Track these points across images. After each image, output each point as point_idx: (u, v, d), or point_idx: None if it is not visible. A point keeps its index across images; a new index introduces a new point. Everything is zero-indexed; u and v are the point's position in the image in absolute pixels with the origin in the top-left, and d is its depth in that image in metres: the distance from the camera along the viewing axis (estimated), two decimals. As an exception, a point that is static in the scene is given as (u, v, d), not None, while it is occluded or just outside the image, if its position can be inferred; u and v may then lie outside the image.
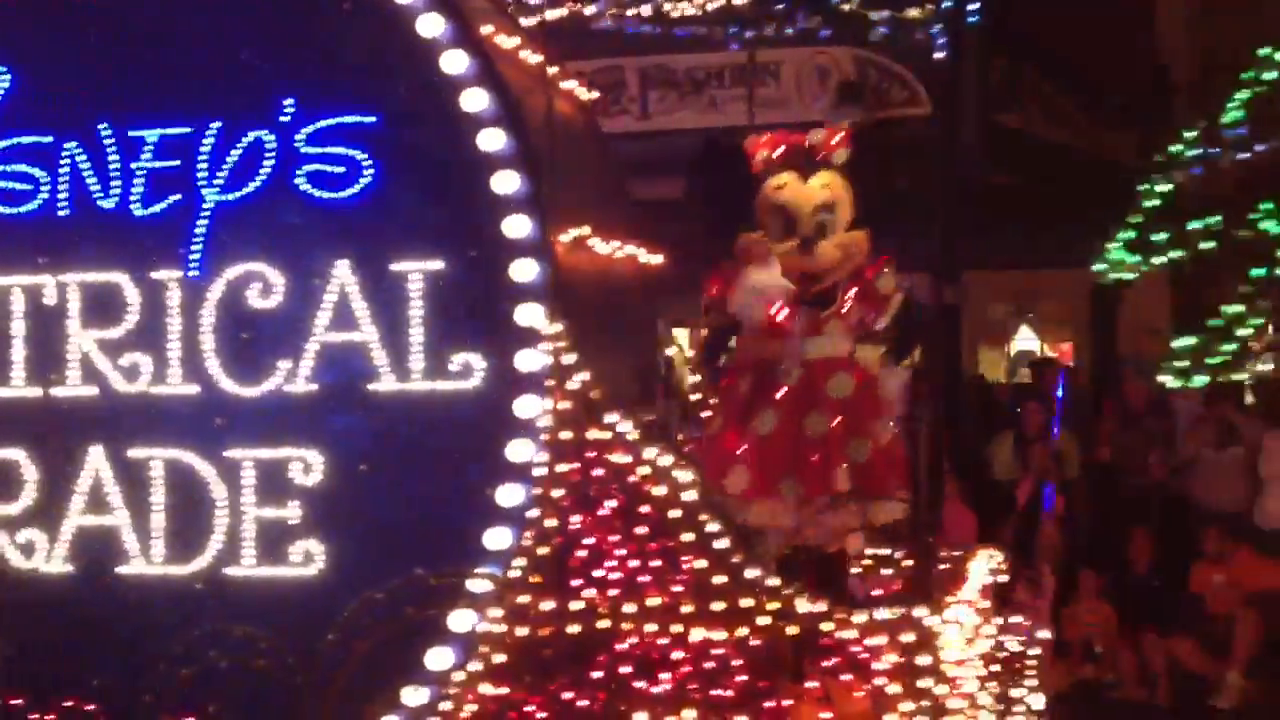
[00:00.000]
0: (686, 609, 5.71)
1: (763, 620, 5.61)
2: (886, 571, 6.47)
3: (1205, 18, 20.66)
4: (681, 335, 9.25)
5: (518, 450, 6.05)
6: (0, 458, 6.71)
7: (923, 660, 5.44)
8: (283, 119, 6.41)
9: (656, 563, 5.78)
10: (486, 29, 6.34)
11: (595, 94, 7.45)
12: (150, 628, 6.49)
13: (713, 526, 5.73)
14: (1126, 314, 19.32)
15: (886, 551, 6.62)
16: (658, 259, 7.04)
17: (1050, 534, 10.78)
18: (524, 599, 5.89)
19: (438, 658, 6.08)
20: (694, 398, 7.39)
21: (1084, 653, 11.05)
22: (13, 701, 6.54)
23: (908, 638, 5.47)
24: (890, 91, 15.07)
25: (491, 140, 6.12)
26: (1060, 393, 11.64)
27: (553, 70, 6.94)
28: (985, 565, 6.42)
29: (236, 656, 6.30)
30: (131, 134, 6.58)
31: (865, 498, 6.04)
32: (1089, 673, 10.98)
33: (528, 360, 6.06)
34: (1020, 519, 11.33)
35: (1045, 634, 6.25)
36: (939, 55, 7.73)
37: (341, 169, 6.35)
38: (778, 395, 6.07)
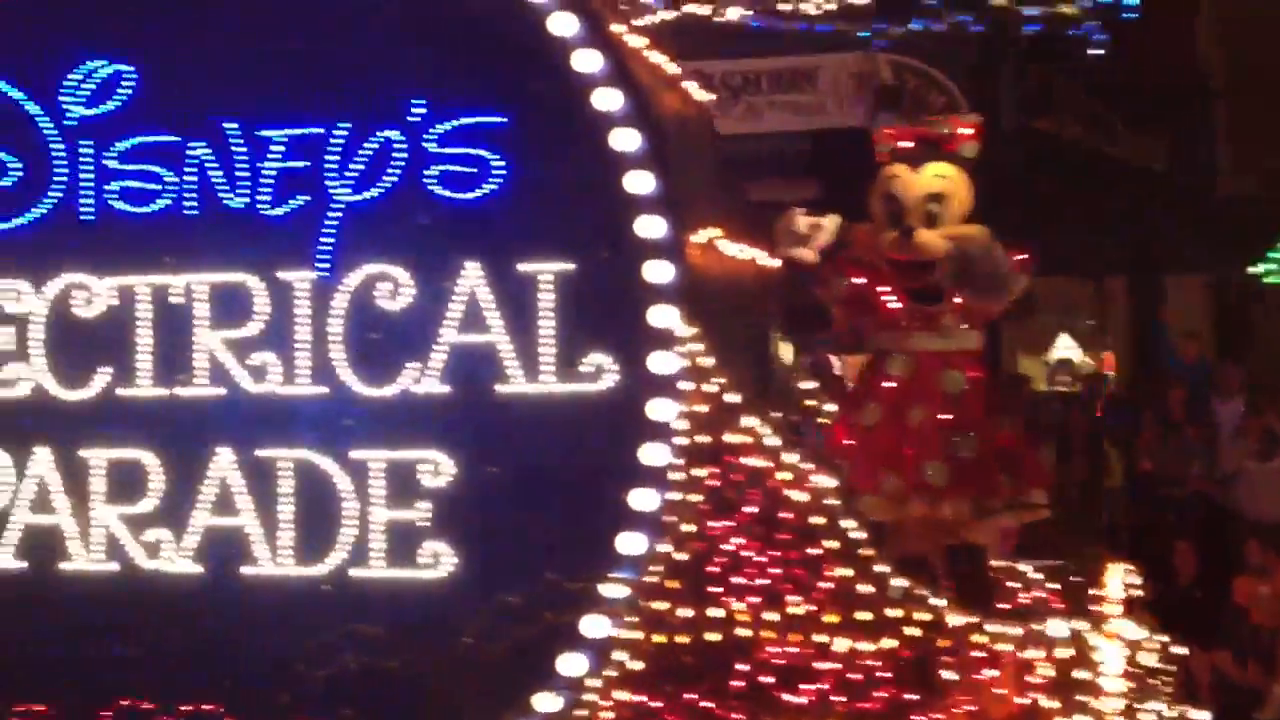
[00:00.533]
0: (830, 618, 5.34)
1: (911, 631, 5.22)
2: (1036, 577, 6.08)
3: (1243, 25, 20.13)
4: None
5: (651, 454, 5.71)
6: (127, 458, 6.40)
7: (1080, 675, 5.04)
8: (412, 119, 6.09)
9: (798, 570, 5.40)
10: (617, 27, 5.97)
11: (712, 95, 7.07)
12: (278, 629, 6.19)
13: (857, 534, 5.35)
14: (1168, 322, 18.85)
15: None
16: (775, 263, 6.67)
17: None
18: (661, 605, 5.53)
19: (571, 664, 5.75)
20: (807, 402, 7.02)
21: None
22: (141, 706, 6.26)
23: (1066, 652, 5.08)
24: (928, 97, 14.63)
25: (624, 140, 5.77)
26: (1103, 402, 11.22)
27: (673, 70, 6.59)
28: (1121, 579, 6.01)
29: (369, 659, 5.97)
30: (260, 134, 6.27)
31: (970, 498, 5.69)
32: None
33: (661, 363, 5.71)
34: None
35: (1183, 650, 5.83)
36: (1095, 52, 7.29)
37: (471, 169, 6.02)
38: (884, 387, 5.73)
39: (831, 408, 6.82)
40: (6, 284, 6.53)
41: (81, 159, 6.47)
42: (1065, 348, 21.92)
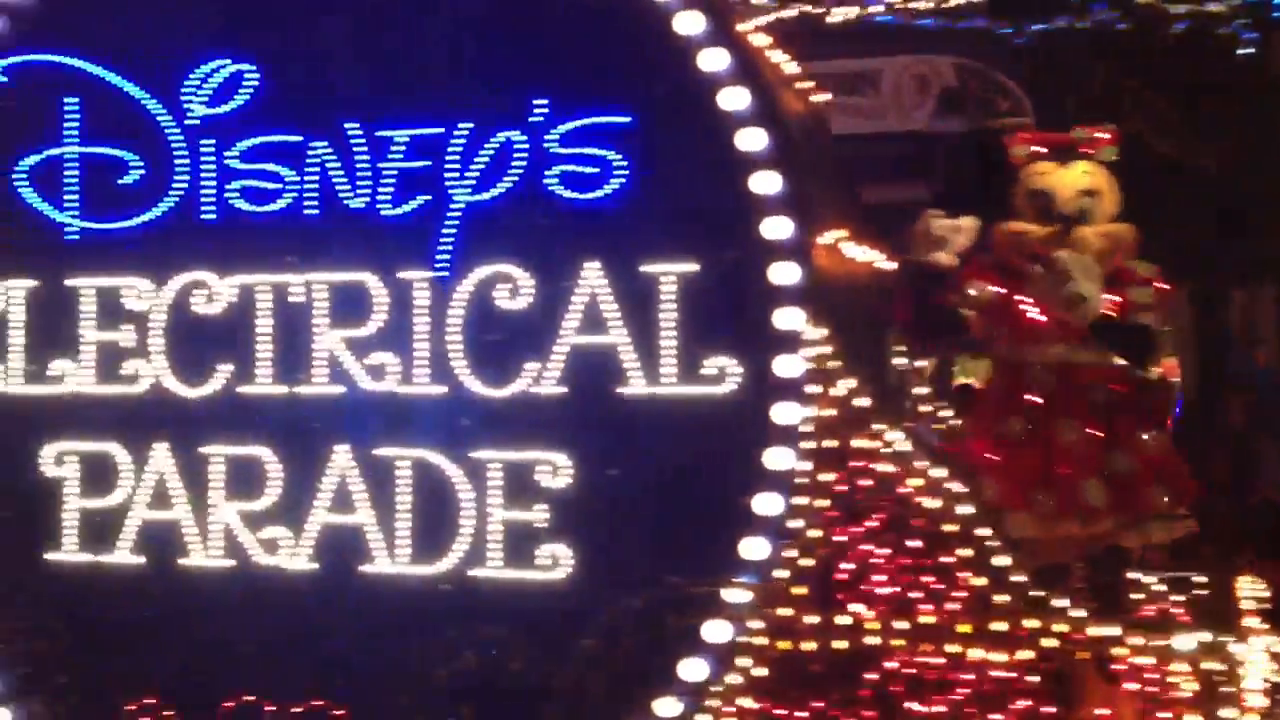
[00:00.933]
0: (963, 628, 5.07)
1: (1049, 643, 4.93)
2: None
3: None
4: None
5: (776, 458, 5.46)
6: (246, 454, 6.24)
7: (1226, 689, 4.74)
8: (534, 119, 5.88)
9: (930, 578, 5.13)
10: (742, 25, 5.73)
11: (828, 95, 6.81)
12: (395, 628, 6.00)
13: (992, 542, 5.07)
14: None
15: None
16: (892, 265, 6.40)
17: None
18: (786, 612, 5.28)
19: (692, 669, 5.51)
20: (922, 409, 6.73)
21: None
22: (257, 703, 6.10)
23: (1213, 665, 4.78)
24: (993, 101, 14.20)
25: (751, 139, 5.53)
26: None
27: (792, 69, 6.34)
28: (1250, 591, 5.70)
29: (487, 660, 5.77)
30: (380, 134, 6.08)
31: (1128, 514, 5.36)
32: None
33: (787, 366, 5.46)
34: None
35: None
36: (1246, 51, 6.96)
37: (593, 170, 5.80)
38: (1028, 400, 5.41)
39: (947, 413, 6.53)
40: (128, 282, 6.39)
41: (203, 158, 6.31)
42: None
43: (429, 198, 6.01)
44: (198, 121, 6.34)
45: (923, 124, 13.23)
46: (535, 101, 5.86)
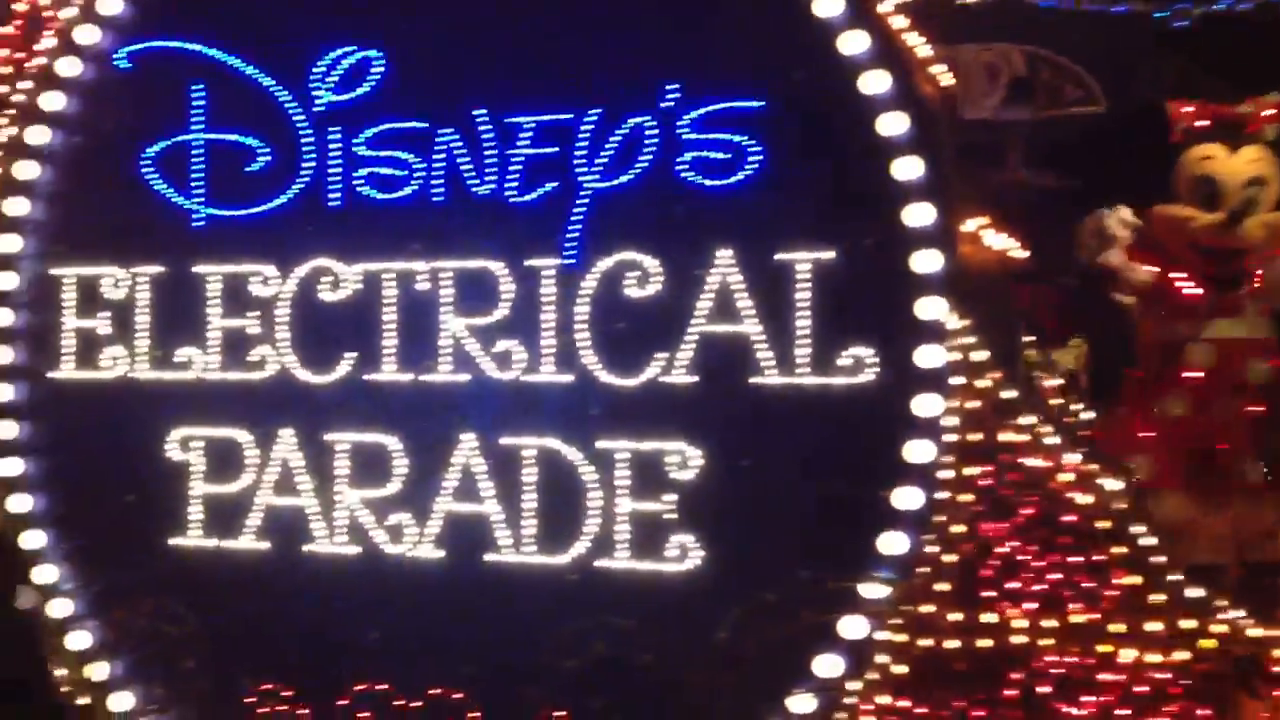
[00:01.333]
0: (1116, 628, 4.77)
1: (1206, 644, 4.63)
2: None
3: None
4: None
5: (917, 451, 5.18)
6: (371, 442, 6.06)
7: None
8: (665, 105, 5.63)
9: (1080, 576, 4.84)
10: (882, 7, 5.45)
11: (954, 80, 6.49)
12: (521, 618, 5.80)
13: (1147, 540, 4.77)
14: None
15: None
16: (1024, 254, 6.10)
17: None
18: (928, 608, 5.01)
19: (828, 665, 5.26)
20: (1053, 402, 6.42)
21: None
22: (381, 691, 5.92)
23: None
24: (1064, 89, 13.75)
25: (892, 124, 5.25)
26: None
27: (926, 52, 6.03)
28: None
29: (615, 651, 5.55)
30: (508, 120, 5.87)
31: None
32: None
33: (929, 356, 5.18)
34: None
35: None
36: None
37: (726, 156, 5.55)
38: (1186, 377, 5.10)
39: (1077, 406, 6.23)
40: (254, 268, 6.23)
41: (330, 145, 6.13)
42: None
43: (557, 184, 5.79)
44: (325, 108, 6.15)
45: (990, 113, 12.83)
46: (666, 86, 5.60)
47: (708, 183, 5.57)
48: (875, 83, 5.26)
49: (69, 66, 6.55)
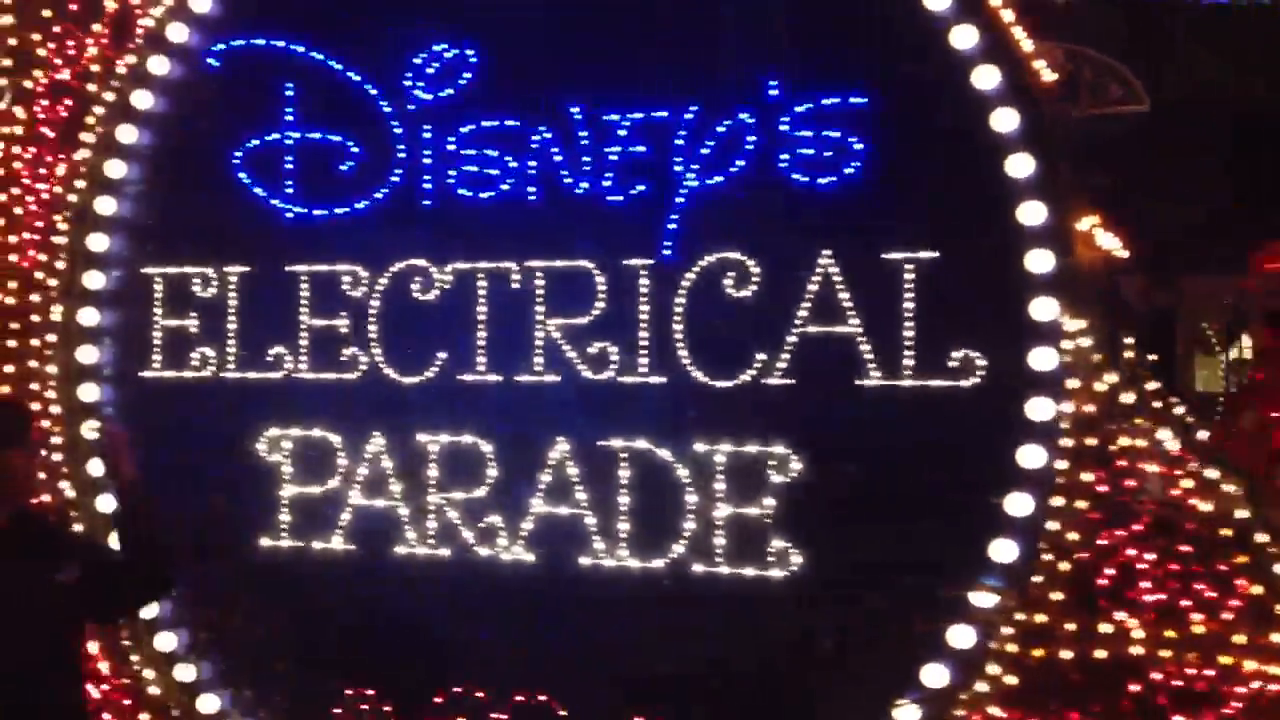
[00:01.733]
0: (1238, 639, 4.61)
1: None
2: None
3: None
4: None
5: (1030, 456, 5.04)
6: (462, 443, 5.99)
7: None
8: (766, 101, 5.52)
9: (1201, 586, 4.68)
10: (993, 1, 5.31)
11: (1056, 76, 6.32)
12: (615, 623, 5.70)
13: (1273, 548, 4.61)
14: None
15: None
16: (1124, 254, 5.92)
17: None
18: (1041, 618, 4.87)
19: (934, 674, 5.12)
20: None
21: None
22: (472, 694, 5.85)
23: None
24: (1106, 88, 13.46)
25: (1005, 120, 5.11)
26: None
27: (1029, 47, 5.88)
28: None
29: (713, 658, 5.44)
30: (604, 118, 5.78)
31: None
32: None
33: (1043, 358, 5.04)
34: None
35: None
36: None
37: (829, 153, 5.43)
38: None
39: (1179, 410, 6.03)
40: (345, 267, 6.18)
41: (423, 144, 6.08)
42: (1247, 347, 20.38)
43: (654, 183, 5.69)
44: (417, 107, 6.09)
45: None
46: (768, 82, 5.50)
47: (810, 181, 5.44)
48: (986, 78, 5.12)
49: (159, 65, 6.52)
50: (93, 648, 6.31)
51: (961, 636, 5.04)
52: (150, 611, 6.23)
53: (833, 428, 5.38)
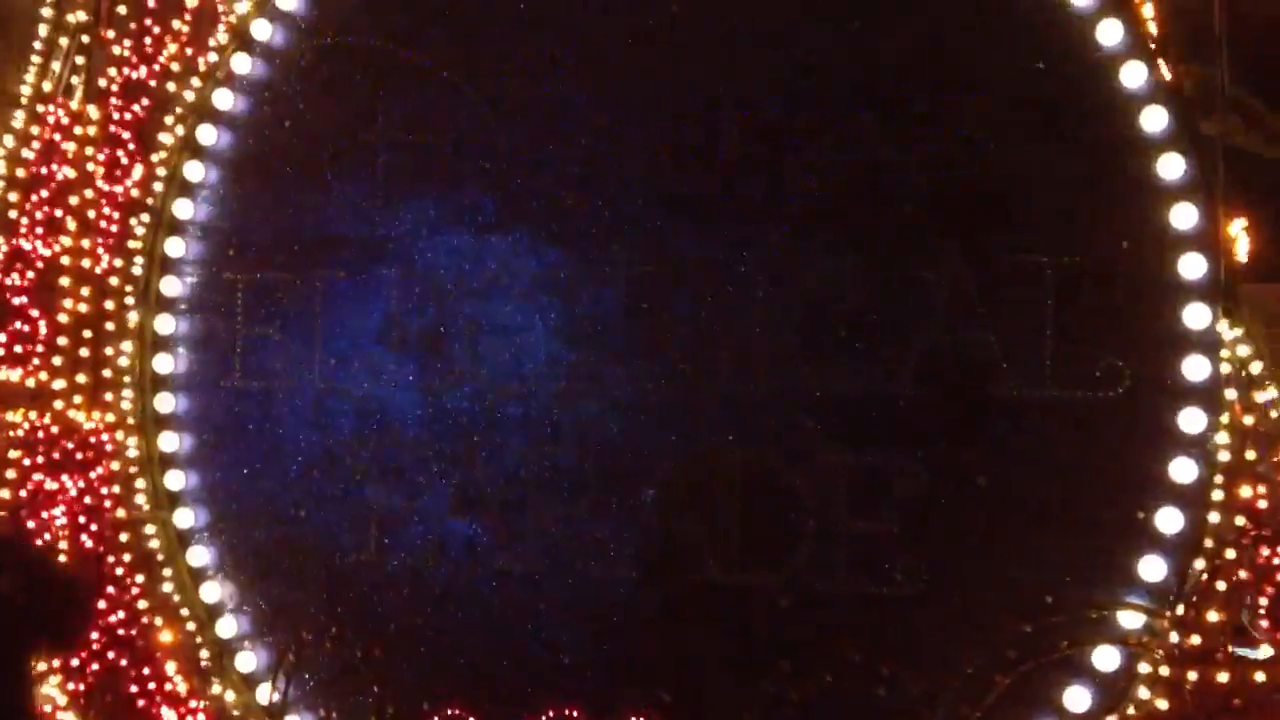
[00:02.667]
0: None
1: None
2: None
3: None
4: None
5: (1182, 470, 4.84)
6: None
7: None
8: (891, 99, 5.32)
9: (1375, 607, 4.48)
10: (1134, -3, 5.12)
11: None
12: (728, 641, 5.48)
13: None
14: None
15: None
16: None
17: None
18: (1194, 639, 4.66)
19: (1076, 698, 4.91)
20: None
21: None
22: (571, 715, 5.63)
23: None
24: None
25: (1154, 119, 4.92)
26: None
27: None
28: None
29: (838, 678, 5.22)
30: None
31: None
32: None
33: (1196, 368, 4.84)
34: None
35: None
36: None
37: (960, 150, 5.23)
38: None
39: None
40: (436, 274, 5.96)
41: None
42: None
43: (764, 179, 5.49)
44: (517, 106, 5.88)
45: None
46: (895, 78, 5.31)
47: (940, 178, 5.24)
48: (1135, 76, 4.93)
49: (243, 64, 6.32)
50: (170, 668, 6.08)
51: (1106, 658, 4.82)
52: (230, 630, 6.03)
53: (964, 439, 5.16)
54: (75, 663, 6.08)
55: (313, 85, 6.18)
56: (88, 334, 6.46)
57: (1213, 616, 4.63)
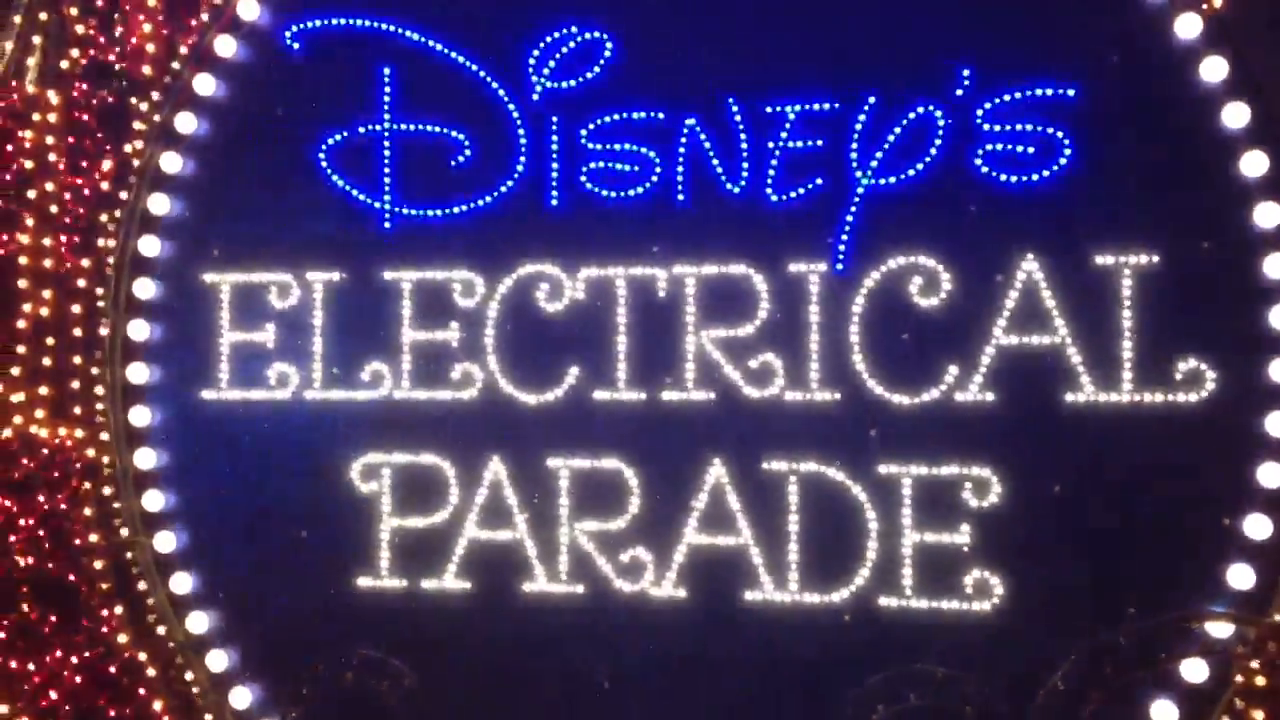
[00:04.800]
0: None
1: None
2: None
3: None
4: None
5: (1271, 474, 4.84)
6: (600, 468, 5.56)
7: None
8: (958, 92, 5.24)
9: None
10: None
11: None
12: (786, 664, 5.33)
13: None
14: None
15: None
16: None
17: None
18: (1292, 649, 4.66)
19: (1164, 713, 4.88)
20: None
21: None
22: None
23: None
24: None
25: (1236, 116, 4.91)
26: None
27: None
28: None
29: (906, 701, 5.11)
30: (766, 110, 5.42)
31: None
32: None
33: (1283, 370, 4.84)
34: None
35: None
36: None
37: (1031, 149, 5.16)
38: None
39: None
40: (456, 275, 5.70)
41: (549, 137, 5.63)
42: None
43: (824, 181, 5.36)
44: (542, 96, 5.64)
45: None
46: (959, 70, 5.21)
47: (1010, 179, 5.17)
48: (1214, 70, 4.91)
49: (227, 46, 5.96)
50: (155, 706, 5.69)
51: (1195, 671, 4.79)
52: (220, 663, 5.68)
53: (1039, 447, 5.09)
54: (47, 702, 5.65)
55: (308, 69, 5.84)
56: (50, 341, 6.02)
57: (1310, 626, 4.59)
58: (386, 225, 5.72)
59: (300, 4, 5.83)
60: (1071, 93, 5.06)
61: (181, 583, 5.86)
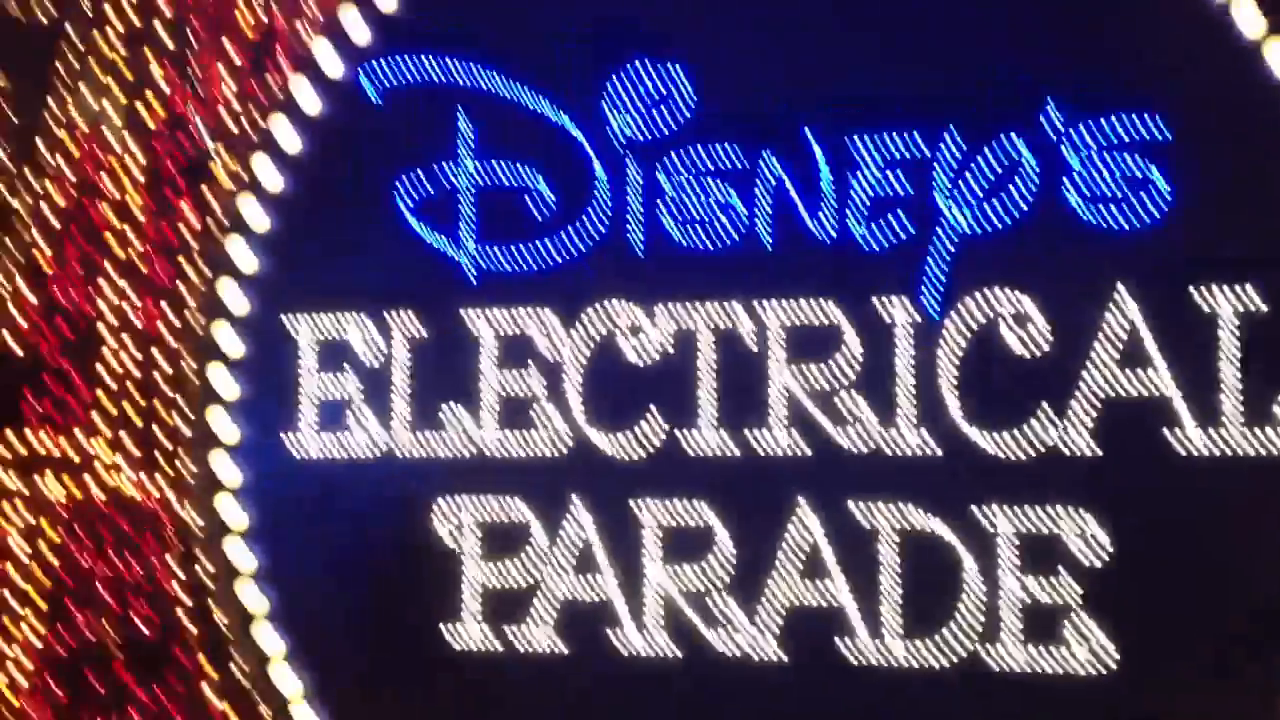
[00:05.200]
0: None
1: None
2: None
3: None
4: None
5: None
6: (689, 518, 5.45)
7: None
8: (1047, 126, 5.05)
9: None
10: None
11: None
12: (884, 724, 5.17)
13: None
14: None
15: None
16: None
17: None
18: None
19: (1289, 779, 4.62)
20: None
21: None
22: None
23: None
24: None
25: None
26: None
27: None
28: None
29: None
30: (849, 147, 5.28)
31: None
32: None
33: (1402, 413, 4.58)
34: None
35: None
36: None
37: (1126, 184, 4.96)
38: None
39: None
40: (537, 321, 5.63)
41: (628, 181, 5.54)
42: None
43: (912, 222, 5.20)
44: (620, 138, 5.55)
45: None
46: (1047, 102, 5.02)
47: (1103, 216, 4.97)
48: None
49: (307, 95, 5.96)
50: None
51: (1321, 735, 4.54)
52: None
53: (1143, 495, 4.89)
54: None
55: (385, 116, 5.82)
56: (133, 389, 6.07)
57: None
58: (468, 272, 5.65)
59: (379, 50, 5.79)
60: (1170, 123, 4.82)
61: (269, 642, 5.85)
